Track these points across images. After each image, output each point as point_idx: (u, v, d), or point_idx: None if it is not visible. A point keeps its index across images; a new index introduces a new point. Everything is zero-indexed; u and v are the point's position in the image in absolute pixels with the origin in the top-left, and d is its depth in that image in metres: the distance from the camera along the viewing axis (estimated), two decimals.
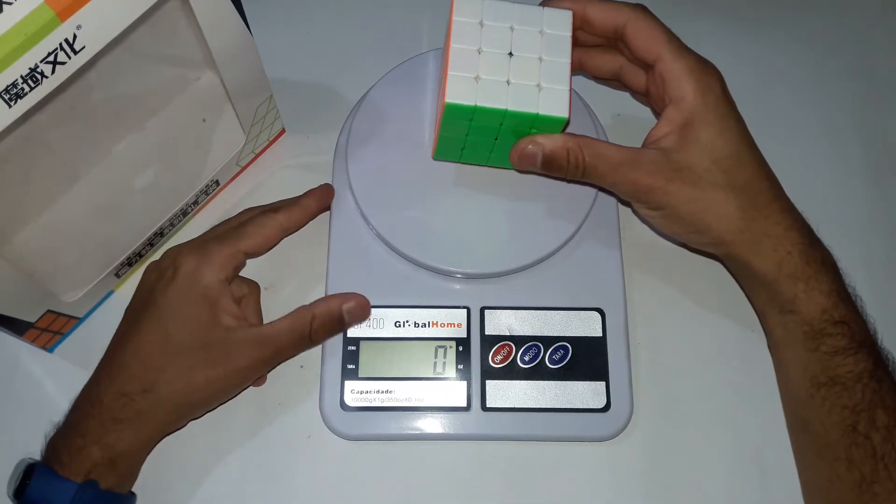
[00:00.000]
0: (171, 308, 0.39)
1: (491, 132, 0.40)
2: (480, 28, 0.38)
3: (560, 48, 0.39)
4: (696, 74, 0.40)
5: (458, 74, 0.37)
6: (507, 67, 0.38)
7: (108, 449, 0.37)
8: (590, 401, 0.43)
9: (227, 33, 0.39)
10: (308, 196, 0.46)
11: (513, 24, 0.39)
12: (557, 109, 0.38)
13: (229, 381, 0.40)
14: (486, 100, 0.37)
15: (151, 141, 0.49)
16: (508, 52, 0.38)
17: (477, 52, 0.38)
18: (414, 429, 0.43)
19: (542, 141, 0.39)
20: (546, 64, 0.38)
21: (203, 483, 0.43)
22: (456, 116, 0.39)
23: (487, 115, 0.38)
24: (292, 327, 0.40)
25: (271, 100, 0.47)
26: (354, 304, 0.42)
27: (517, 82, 0.38)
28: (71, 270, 0.45)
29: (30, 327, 0.42)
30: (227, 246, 0.41)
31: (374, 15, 0.56)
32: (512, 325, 0.45)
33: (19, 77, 0.30)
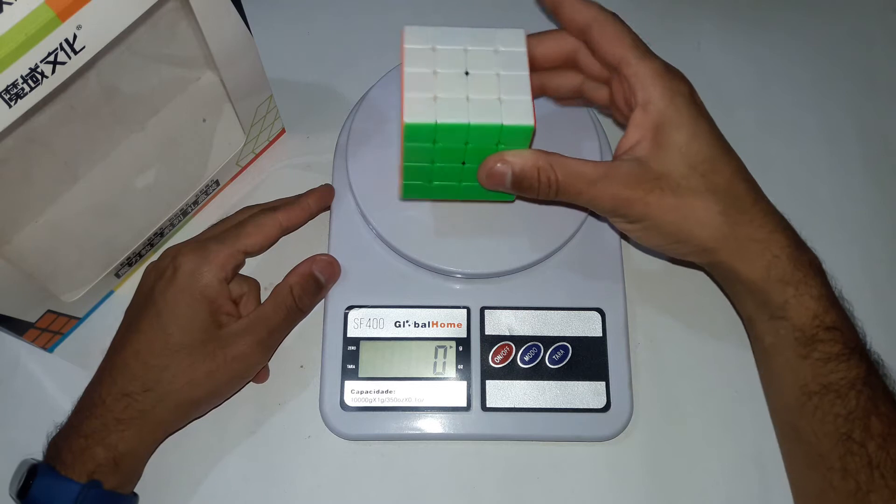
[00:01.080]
0: (171, 308, 0.39)
1: (457, 155, 0.38)
2: (433, 52, 0.37)
3: (516, 63, 0.37)
4: (663, 78, 0.38)
5: (414, 96, 0.36)
6: (465, 85, 0.36)
7: (111, 449, 0.37)
8: (590, 401, 0.43)
9: (227, 33, 0.39)
10: (308, 195, 0.46)
11: (465, 46, 0.38)
12: (522, 118, 0.36)
13: (230, 372, 0.40)
14: (447, 116, 0.36)
15: (151, 141, 0.49)
16: (464, 71, 0.37)
17: (432, 74, 0.37)
18: (414, 429, 0.43)
19: (511, 158, 0.37)
20: (504, 78, 0.37)
21: (203, 483, 0.43)
22: (418, 139, 0.37)
23: (451, 133, 0.36)
24: (276, 302, 0.41)
25: (271, 100, 0.47)
26: (323, 262, 0.43)
27: (477, 98, 0.36)
28: (71, 270, 0.45)
29: (30, 327, 0.42)
30: (226, 245, 0.41)
31: (374, 15, 0.56)
32: (512, 325, 0.45)
33: (19, 77, 0.30)
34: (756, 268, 0.38)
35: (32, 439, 0.44)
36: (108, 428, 0.38)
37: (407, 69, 0.37)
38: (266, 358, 0.42)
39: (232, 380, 0.41)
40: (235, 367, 0.40)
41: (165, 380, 0.38)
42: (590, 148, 0.47)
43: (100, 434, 0.38)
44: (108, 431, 0.38)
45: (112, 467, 0.37)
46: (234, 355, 0.40)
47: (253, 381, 0.44)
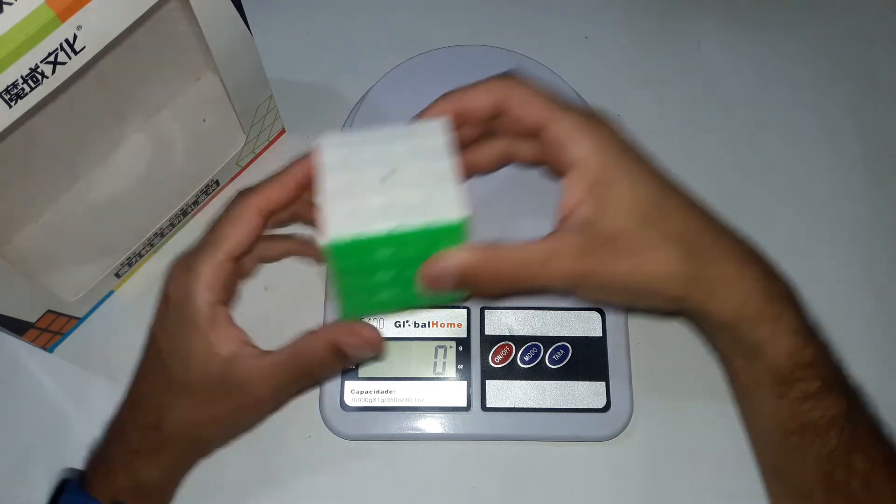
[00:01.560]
0: (167, 343, 0.36)
1: (395, 264, 0.35)
2: (351, 160, 0.35)
3: (440, 153, 0.34)
4: (588, 130, 0.35)
5: (335, 211, 0.33)
6: (389, 189, 0.33)
7: (132, 477, 0.37)
8: (590, 401, 0.43)
9: (227, 33, 0.39)
10: (287, 169, 0.38)
11: (385, 147, 0.35)
12: (453, 212, 0.33)
13: (236, 419, 0.38)
14: (372, 225, 0.32)
15: (151, 141, 0.49)
16: (387, 174, 0.34)
17: (352, 184, 0.33)
18: (414, 429, 0.43)
19: (449, 261, 0.34)
20: (429, 173, 0.34)
21: (203, 483, 0.43)
22: (345, 258, 0.33)
23: (381, 244, 0.33)
24: (293, 363, 0.35)
25: (271, 100, 0.47)
26: (364, 339, 0.35)
27: (402, 200, 0.33)
28: (71, 270, 0.45)
29: (30, 327, 0.42)
30: (207, 258, 0.36)
31: (374, 15, 0.56)
32: (512, 325, 0.45)
33: (20, 77, 0.30)
34: (727, 308, 0.36)
35: (32, 439, 0.44)
36: (128, 457, 0.37)
37: (324, 184, 0.34)
38: (276, 408, 0.39)
39: (238, 424, 0.39)
40: (239, 416, 0.37)
41: (170, 420, 0.36)
42: None
43: (121, 461, 0.37)
44: (128, 460, 0.37)
45: (133, 492, 0.37)
46: (236, 406, 0.36)
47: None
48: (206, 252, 0.36)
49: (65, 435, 0.44)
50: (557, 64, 0.50)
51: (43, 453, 0.44)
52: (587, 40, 0.56)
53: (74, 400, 0.45)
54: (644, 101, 0.53)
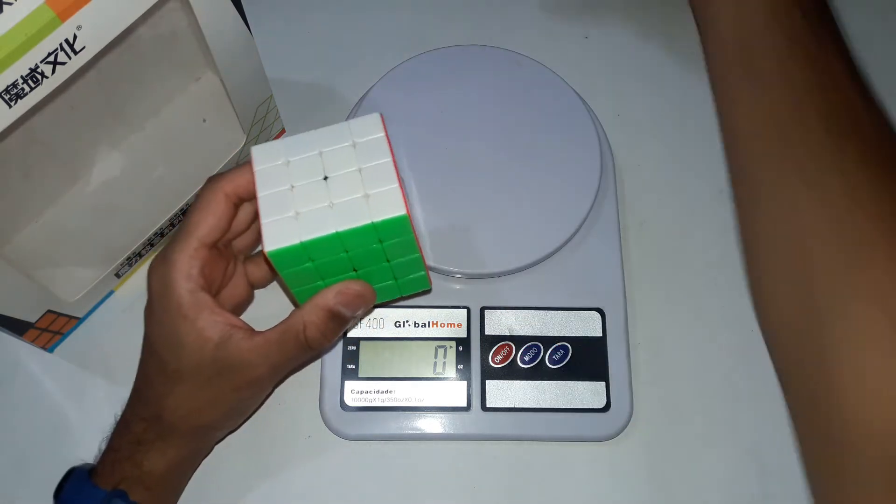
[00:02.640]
0: (159, 335, 0.37)
1: (343, 265, 0.35)
2: (287, 167, 0.34)
3: (377, 151, 0.34)
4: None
5: (272, 220, 0.33)
6: (326, 192, 0.33)
7: (136, 466, 0.37)
8: (590, 401, 0.43)
9: (227, 33, 0.39)
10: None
11: (320, 149, 0.35)
12: (392, 210, 0.33)
13: (230, 400, 0.38)
14: (312, 231, 0.33)
15: (151, 141, 0.49)
16: (323, 176, 0.34)
17: (289, 191, 0.34)
18: (414, 429, 0.43)
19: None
20: (367, 171, 0.34)
21: (203, 483, 0.43)
22: (290, 264, 0.34)
23: (324, 248, 0.33)
24: (283, 339, 0.36)
25: (271, 100, 0.47)
26: (351, 294, 0.36)
27: (341, 201, 0.33)
28: (71, 270, 0.45)
29: (30, 327, 0.42)
30: (181, 246, 0.36)
31: (374, 15, 0.57)
32: (512, 325, 0.45)
33: (20, 77, 0.30)
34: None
35: (32, 439, 0.44)
36: (133, 447, 0.38)
37: (261, 194, 0.34)
38: (272, 385, 0.40)
39: (238, 405, 0.39)
40: (236, 397, 0.38)
41: (169, 408, 0.37)
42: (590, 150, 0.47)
43: (126, 451, 0.38)
44: (132, 450, 0.38)
45: (137, 481, 0.37)
46: (232, 386, 0.37)
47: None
48: (180, 242, 0.36)
49: (65, 435, 0.44)
50: (557, 64, 0.50)
51: (43, 453, 0.44)
52: (587, 40, 0.56)
53: (74, 400, 0.45)
54: (644, 101, 0.53)
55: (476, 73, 0.50)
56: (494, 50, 0.51)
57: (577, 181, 0.46)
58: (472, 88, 0.49)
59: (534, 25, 0.56)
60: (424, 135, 0.47)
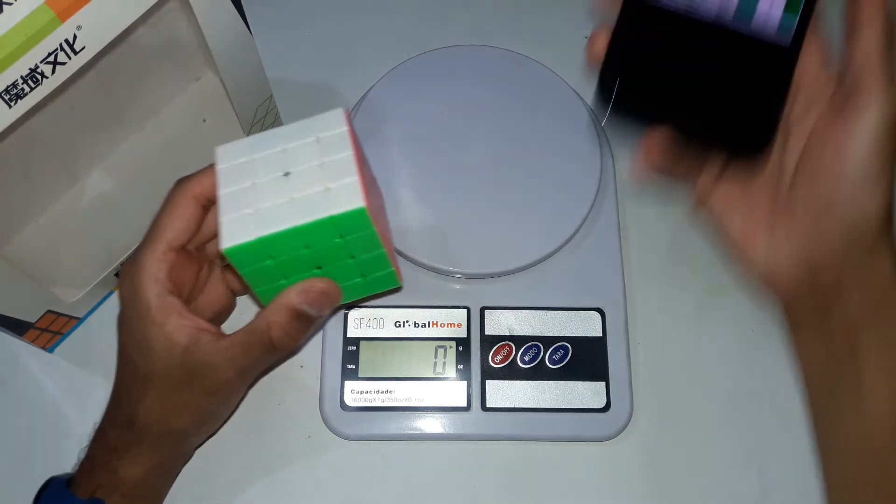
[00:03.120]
0: (128, 338, 0.37)
1: (306, 262, 0.34)
2: (249, 164, 0.34)
3: (339, 145, 0.34)
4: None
5: (231, 217, 0.32)
6: (287, 187, 0.33)
7: (112, 473, 0.37)
8: (590, 401, 0.43)
9: (227, 33, 0.39)
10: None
11: (283, 146, 0.34)
12: (351, 202, 0.32)
13: (203, 404, 0.37)
14: (269, 226, 0.32)
15: (151, 141, 0.49)
16: (284, 172, 0.33)
17: (250, 188, 0.33)
18: (414, 429, 0.43)
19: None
20: (328, 166, 0.33)
21: (203, 483, 0.43)
22: (249, 262, 0.33)
23: (282, 244, 0.33)
24: (249, 342, 0.35)
25: (271, 100, 0.47)
26: (315, 293, 0.35)
27: (301, 196, 0.33)
28: (71, 270, 0.45)
29: (30, 327, 0.42)
30: (149, 250, 0.36)
31: (374, 15, 0.56)
32: (512, 325, 0.45)
33: (19, 77, 0.30)
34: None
35: (32, 439, 0.44)
36: (108, 454, 0.38)
37: (221, 191, 0.33)
38: (243, 389, 0.39)
39: (209, 411, 0.39)
40: (207, 401, 0.37)
41: (141, 413, 0.37)
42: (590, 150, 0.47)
43: (102, 458, 0.38)
44: (108, 458, 0.38)
45: (114, 489, 0.37)
46: (202, 390, 0.36)
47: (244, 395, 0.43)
48: (147, 246, 0.36)
49: (65, 435, 0.44)
50: (557, 64, 0.50)
51: (43, 453, 0.44)
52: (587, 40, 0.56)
53: (74, 400, 0.45)
54: None
55: (476, 73, 0.50)
56: (494, 50, 0.51)
57: (577, 181, 0.46)
58: (472, 88, 0.49)
59: (534, 25, 0.56)
60: (424, 135, 0.47)
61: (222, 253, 0.32)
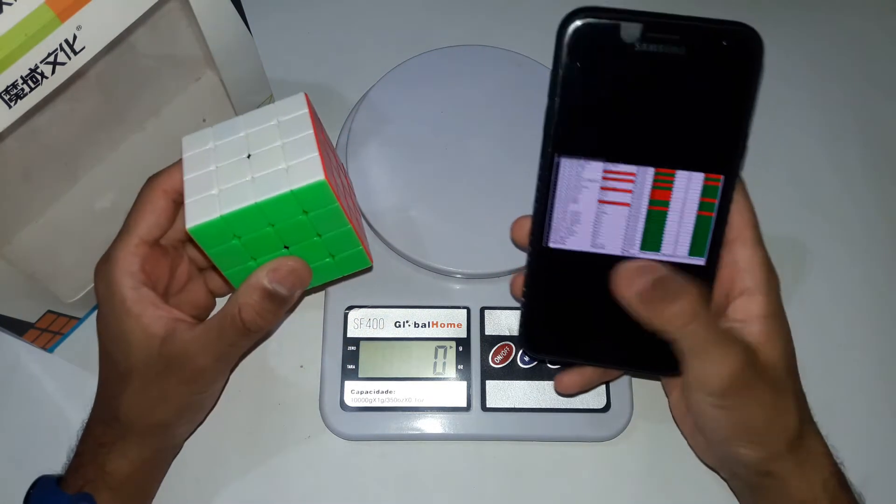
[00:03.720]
0: (106, 333, 0.37)
1: (273, 241, 0.35)
2: (214, 150, 0.35)
3: (300, 126, 0.35)
4: (768, 268, 0.35)
5: (195, 199, 0.34)
6: (248, 168, 0.34)
7: (100, 469, 0.38)
8: (590, 401, 0.43)
9: (227, 33, 0.39)
10: None
11: (245, 131, 0.35)
12: (311, 177, 0.33)
13: (183, 394, 0.38)
14: (230, 204, 0.33)
15: (151, 141, 0.49)
16: (247, 155, 0.35)
17: (213, 171, 0.34)
18: (414, 429, 0.43)
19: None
20: (289, 145, 0.34)
21: (203, 483, 0.43)
22: (214, 242, 0.34)
23: (245, 221, 0.33)
24: (221, 327, 0.35)
25: (271, 100, 0.48)
26: (283, 271, 0.35)
27: (261, 174, 0.34)
28: (71, 270, 0.45)
29: (30, 327, 0.42)
30: (121, 245, 0.37)
31: (374, 15, 0.57)
32: (512, 325, 0.45)
33: (19, 77, 0.30)
34: (812, 485, 0.35)
35: (32, 439, 0.44)
36: (95, 450, 0.38)
37: (186, 177, 0.35)
38: (223, 376, 0.40)
39: (191, 401, 0.39)
40: (187, 390, 0.37)
41: (123, 407, 0.37)
42: None
43: (89, 455, 0.38)
44: (95, 454, 0.38)
45: (102, 484, 0.37)
46: (182, 378, 0.36)
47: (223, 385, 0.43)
48: (120, 241, 0.37)
49: (65, 435, 0.44)
50: None
51: (43, 453, 0.44)
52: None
53: (74, 400, 0.45)
54: None
55: (476, 73, 0.50)
56: (494, 50, 0.51)
57: None
58: (472, 88, 0.49)
59: (534, 25, 0.56)
60: (424, 135, 0.47)
61: (189, 234, 0.33)
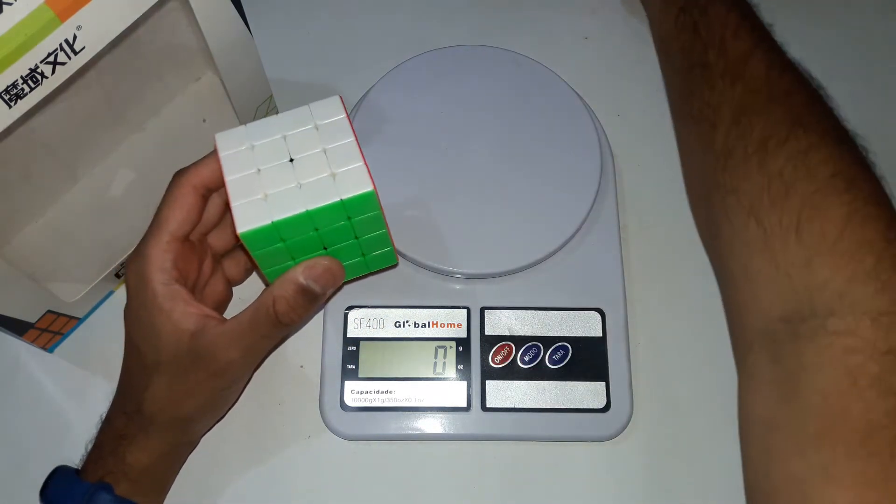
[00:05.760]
0: (136, 328, 0.38)
1: (314, 243, 0.36)
2: (252, 151, 0.35)
3: (340, 131, 0.36)
4: None
5: (242, 202, 0.34)
6: (293, 173, 0.34)
7: (120, 460, 0.38)
8: (590, 401, 0.43)
9: (227, 33, 0.39)
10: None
11: (283, 133, 0.36)
12: (359, 187, 0.34)
13: (209, 388, 0.38)
14: (282, 211, 0.33)
15: (151, 141, 0.49)
16: (289, 159, 0.35)
17: (256, 174, 0.35)
18: (414, 429, 0.43)
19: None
20: (332, 151, 0.35)
21: (202, 483, 0.43)
22: (262, 244, 0.34)
23: (294, 227, 0.34)
24: (255, 317, 0.36)
25: (271, 100, 0.47)
26: (319, 269, 0.36)
27: (308, 181, 0.34)
28: (71, 270, 0.45)
29: (30, 327, 0.42)
30: (154, 241, 0.37)
31: (374, 15, 0.56)
32: (512, 325, 0.45)
33: (19, 77, 0.30)
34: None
35: (32, 439, 0.44)
36: (116, 442, 0.38)
37: (228, 178, 0.35)
38: (249, 371, 0.40)
39: (215, 395, 0.39)
40: (214, 384, 0.38)
41: (148, 399, 0.37)
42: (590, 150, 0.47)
43: (109, 446, 0.38)
44: (115, 445, 0.38)
45: (121, 475, 0.38)
46: (209, 373, 0.37)
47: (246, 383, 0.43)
48: (151, 237, 0.37)
49: (65, 435, 0.44)
50: (557, 64, 0.50)
51: (43, 453, 0.44)
52: (587, 40, 0.56)
53: (74, 400, 0.45)
54: (644, 101, 0.53)
55: (476, 73, 0.50)
56: (494, 50, 0.51)
57: (577, 181, 0.46)
58: (472, 88, 0.49)
59: (534, 25, 0.56)
60: (424, 135, 0.47)
61: (237, 236, 0.33)
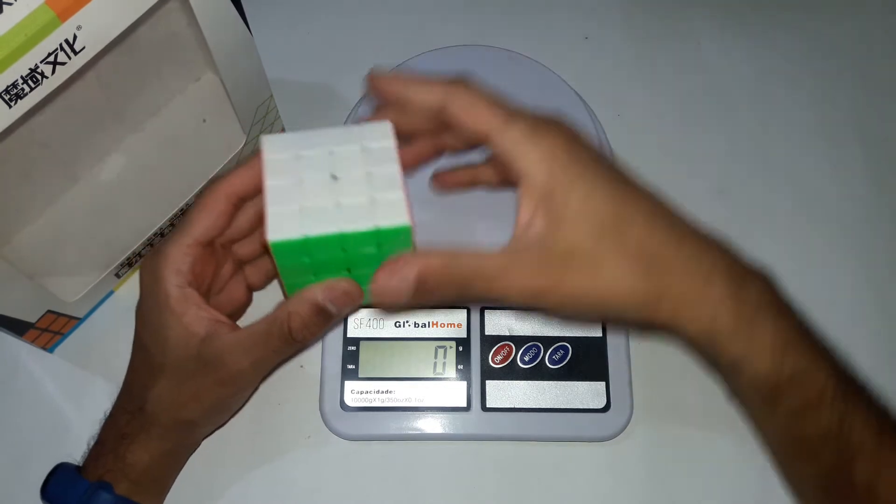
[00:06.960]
0: (145, 328, 0.37)
1: (339, 264, 0.34)
2: (296, 160, 0.34)
3: (386, 158, 0.34)
4: (535, 139, 0.33)
5: (278, 210, 0.33)
6: (334, 190, 0.33)
7: (120, 459, 0.38)
8: (590, 401, 0.43)
9: (227, 33, 0.39)
10: (256, 156, 0.37)
11: (330, 148, 0.34)
12: (397, 218, 0.32)
13: (214, 396, 0.38)
14: (316, 227, 0.32)
15: (151, 141, 0.49)
16: (331, 175, 0.34)
17: (297, 184, 0.34)
18: (414, 429, 0.43)
19: (407, 266, 0.32)
20: (375, 177, 0.34)
21: (202, 483, 0.43)
22: (289, 256, 0.33)
23: (324, 246, 0.33)
24: (268, 332, 0.35)
25: (271, 100, 0.47)
26: (339, 290, 0.35)
27: (347, 202, 0.33)
28: (71, 270, 0.45)
29: (30, 327, 0.42)
30: (175, 243, 0.37)
31: (374, 15, 0.57)
32: (512, 325, 0.45)
33: (19, 77, 0.30)
34: (697, 326, 0.33)
35: (33, 439, 0.44)
36: (117, 440, 0.38)
37: (269, 182, 0.33)
38: (256, 381, 0.40)
39: (220, 402, 0.39)
40: (220, 391, 0.37)
41: (152, 400, 0.37)
42: None
43: (111, 444, 0.38)
44: (117, 443, 0.38)
45: (122, 474, 0.38)
46: (216, 380, 0.36)
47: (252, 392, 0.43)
48: (175, 238, 0.37)
49: (65, 435, 0.44)
50: (557, 64, 0.50)
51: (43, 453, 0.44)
52: (587, 40, 0.56)
53: (74, 400, 0.45)
54: (644, 101, 0.53)
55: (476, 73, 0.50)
56: (494, 50, 0.51)
57: None
58: None
59: (534, 25, 0.56)
60: None
61: (265, 242, 0.32)
